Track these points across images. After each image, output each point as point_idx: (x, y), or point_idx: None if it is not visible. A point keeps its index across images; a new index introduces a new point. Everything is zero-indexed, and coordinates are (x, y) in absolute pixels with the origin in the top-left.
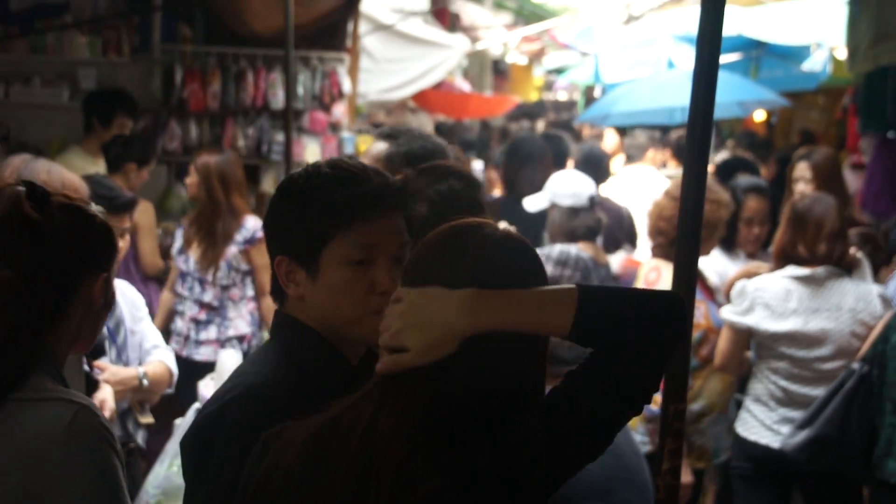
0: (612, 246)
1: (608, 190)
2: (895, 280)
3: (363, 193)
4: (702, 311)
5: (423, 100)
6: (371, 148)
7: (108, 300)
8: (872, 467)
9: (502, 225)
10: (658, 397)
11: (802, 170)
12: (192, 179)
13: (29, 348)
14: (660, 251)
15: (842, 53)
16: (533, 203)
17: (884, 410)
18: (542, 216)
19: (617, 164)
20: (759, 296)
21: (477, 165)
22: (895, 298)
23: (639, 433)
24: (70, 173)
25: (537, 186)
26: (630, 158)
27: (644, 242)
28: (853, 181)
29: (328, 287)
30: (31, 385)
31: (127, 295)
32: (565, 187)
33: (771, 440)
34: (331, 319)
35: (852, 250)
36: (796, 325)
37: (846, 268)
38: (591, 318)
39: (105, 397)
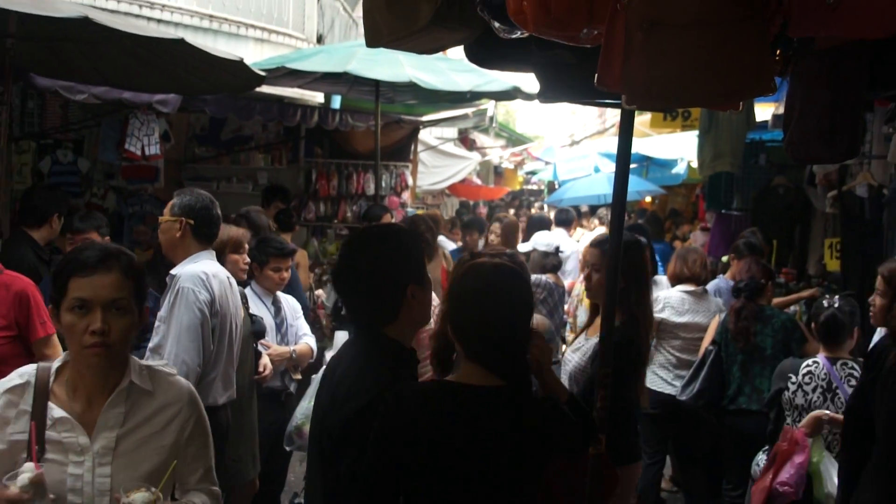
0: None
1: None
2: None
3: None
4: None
5: (453, 189)
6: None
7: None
8: (727, 403)
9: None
10: None
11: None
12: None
13: None
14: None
15: (694, 164)
16: (523, 248)
17: (731, 370)
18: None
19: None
20: (667, 301)
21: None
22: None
23: None
24: (232, 227)
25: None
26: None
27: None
28: (702, 238)
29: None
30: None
31: (289, 302)
32: (542, 240)
33: (670, 390)
34: (410, 332)
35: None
36: (688, 319)
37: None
38: None
39: (266, 362)
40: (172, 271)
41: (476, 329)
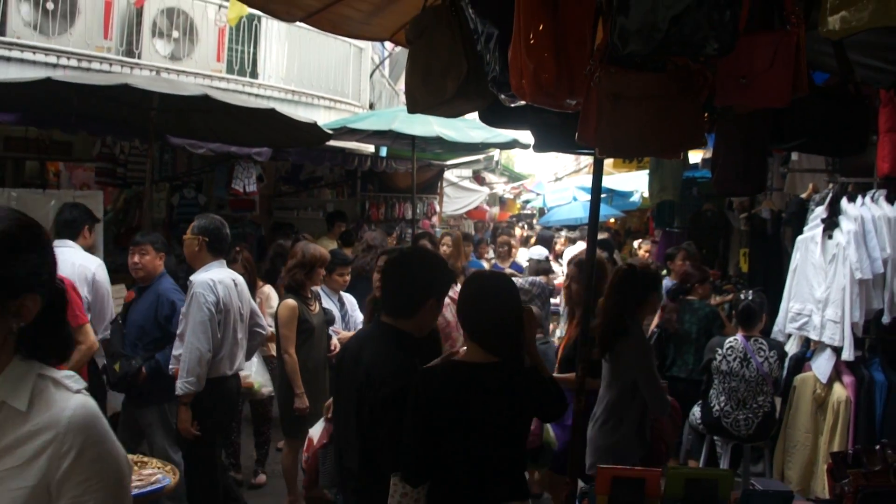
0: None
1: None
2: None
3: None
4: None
5: (470, 214)
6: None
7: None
8: (665, 371)
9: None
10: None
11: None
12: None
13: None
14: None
15: (646, 194)
16: (522, 257)
17: (668, 348)
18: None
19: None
20: None
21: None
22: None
23: None
24: (320, 247)
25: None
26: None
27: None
28: (652, 249)
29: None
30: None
31: (349, 299)
32: (536, 252)
33: None
34: (419, 329)
35: None
36: None
37: None
38: None
39: (335, 343)
40: (191, 278)
41: (477, 319)
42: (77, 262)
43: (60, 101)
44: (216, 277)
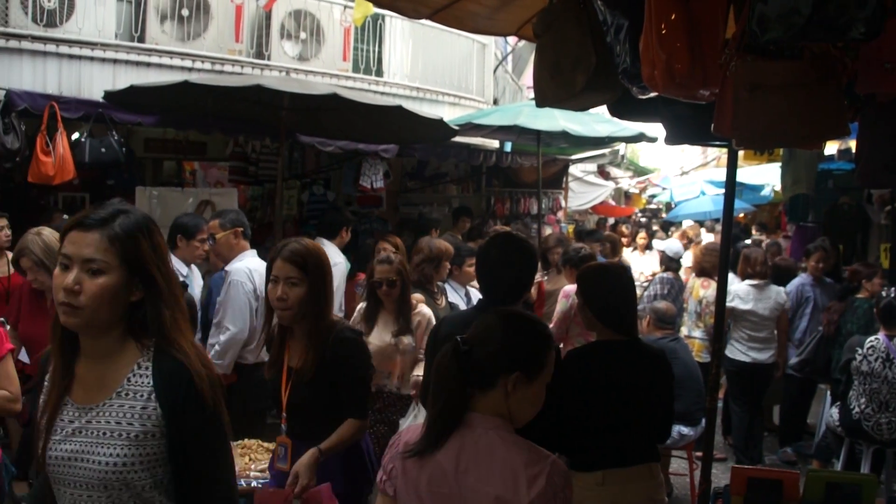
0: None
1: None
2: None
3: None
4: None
5: (594, 209)
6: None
7: None
8: (831, 373)
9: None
10: None
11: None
12: None
13: None
14: (700, 273)
15: (778, 188)
16: (659, 246)
17: (841, 348)
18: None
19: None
20: (736, 293)
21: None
22: (791, 295)
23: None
24: (444, 241)
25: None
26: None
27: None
28: (784, 244)
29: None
30: None
31: (475, 293)
32: (671, 246)
33: (742, 357)
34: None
35: None
36: (751, 306)
37: (768, 279)
38: None
39: None
40: (227, 268)
41: (606, 306)
42: (334, 262)
43: (196, 102)
44: (252, 266)
